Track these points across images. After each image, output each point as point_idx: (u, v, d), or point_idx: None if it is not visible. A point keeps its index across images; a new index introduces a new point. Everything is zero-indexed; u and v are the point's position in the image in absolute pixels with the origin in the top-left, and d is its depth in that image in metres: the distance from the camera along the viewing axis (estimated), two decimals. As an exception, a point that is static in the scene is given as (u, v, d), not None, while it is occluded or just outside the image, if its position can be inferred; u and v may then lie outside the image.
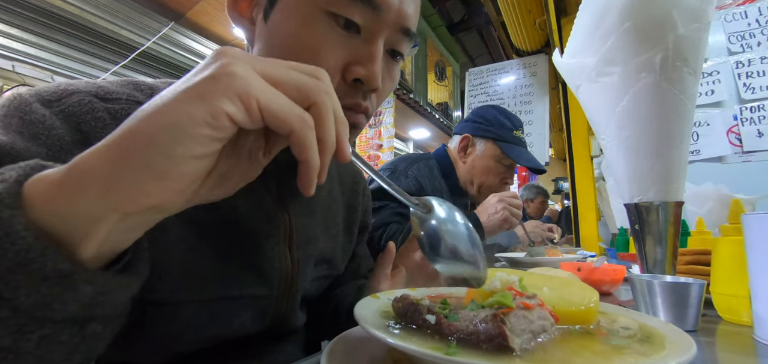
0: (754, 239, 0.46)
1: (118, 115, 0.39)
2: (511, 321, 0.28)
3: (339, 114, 0.27)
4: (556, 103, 3.14)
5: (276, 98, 0.24)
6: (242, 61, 0.24)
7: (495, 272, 0.38)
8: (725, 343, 0.48)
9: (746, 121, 1.44)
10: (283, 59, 0.38)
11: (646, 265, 0.66)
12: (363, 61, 0.41)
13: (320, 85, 0.26)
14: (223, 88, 0.23)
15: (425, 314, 0.31)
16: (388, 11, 0.41)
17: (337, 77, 0.42)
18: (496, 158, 1.28)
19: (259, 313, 0.48)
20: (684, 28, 0.61)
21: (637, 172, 0.66)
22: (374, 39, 0.42)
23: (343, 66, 0.42)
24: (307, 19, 0.40)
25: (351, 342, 0.38)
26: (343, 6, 0.40)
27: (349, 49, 0.41)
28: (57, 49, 3.75)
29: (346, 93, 0.43)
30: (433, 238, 0.35)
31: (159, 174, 0.22)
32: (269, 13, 0.43)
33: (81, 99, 0.37)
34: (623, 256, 1.29)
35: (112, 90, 0.41)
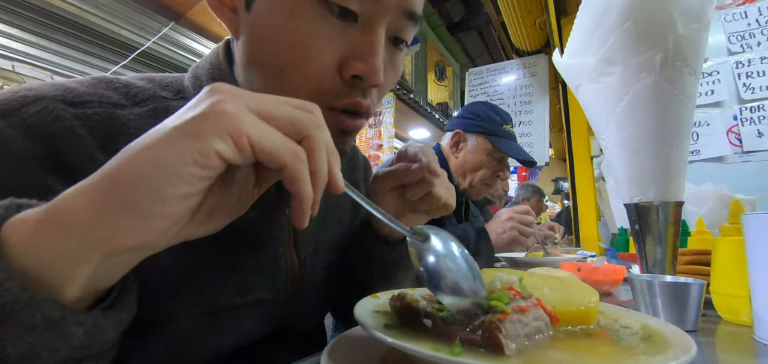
0: (754, 239, 0.46)
1: (91, 122, 0.35)
2: (506, 327, 0.28)
3: (330, 146, 0.27)
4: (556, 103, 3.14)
5: (268, 134, 0.24)
6: (234, 97, 0.24)
7: (495, 272, 0.38)
8: (725, 343, 0.47)
9: (746, 121, 1.44)
10: (271, 55, 0.37)
11: (646, 265, 0.66)
12: (362, 54, 0.36)
13: (313, 118, 0.26)
14: (213, 125, 0.22)
15: (422, 317, 0.31)
16: None
17: (333, 74, 0.37)
18: (487, 152, 1.30)
19: (265, 317, 0.46)
20: (684, 28, 0.61)
21: (637, 172, 0.66)
22: (374, 28, 0.37)
23: (339, 61, 0.37)
24: (296, 7, 0.35)
25: (351, 342, 0.38)
26: None
27: (345, 41, 0.36)
28: (57, 49, 3.74)
29: (343, 92, 0.38)
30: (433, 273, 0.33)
31: (144, 215, 0.22)
32: (251, 2, 0.37)
33: (45, 107, 0.33)
34: (623, 256, 1.29)
35: (82, 92, 0.36)
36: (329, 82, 0.37)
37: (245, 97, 0.24)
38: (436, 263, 0.34)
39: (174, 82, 0.44)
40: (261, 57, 0.38)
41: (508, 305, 0.30)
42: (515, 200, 3.69)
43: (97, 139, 0.34)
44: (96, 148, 0.34)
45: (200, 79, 0.44)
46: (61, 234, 0.21)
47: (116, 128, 0.36)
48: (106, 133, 0.35)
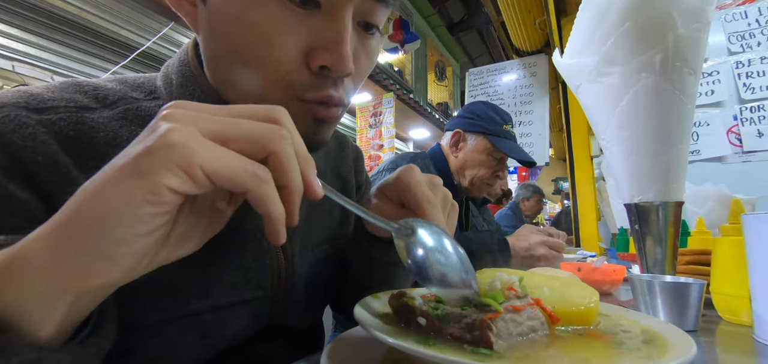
0: (754, 239, 0.46)
1: (56, 128, 0.34)
2: (498, 326, 0.28)
3: (302, 153, 0.26)
4: (556, 103, 3.14)
5: (223, 160, 0.22)
6: (188, 122, 0.22)
7: (495, 272, 0.38)
8: (725, 343, 0.47)
9: (746, 121, 1.44)
10: (232, 50, 0.35)
11: (646, 265, 0.66)
12: (327, 43, 0.34)
13: (276, 131, 0.24)
14: (161, 160, 0.21)
15: (418, 316, 0.31)
16: None
17: (299, 67, 0.35)
18: (487, 152, 1.30)
19: (253, 317, 0.45)
20: (684, 28, 0.61)
21: (637, 172, 0.66)
22: (338, 13, 0.34)
23: (305, 52, 0.35)
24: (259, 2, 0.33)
25: (351, 342, 0.38)
26: None
27: (309, 29, 0.34)
28: (57, 49, 3.74)
29: (313, 84, 0.36)
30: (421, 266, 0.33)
31: (105, 257, 0.21)
32: None
33: (6, 115, 0.32)
34: (623, 256, 1.29)
35: (47, 97, 0.35)
36: (297, 74, 0.35)
37: (200, 120, 0.23)
38: (424, 256, 0.33)
39: (146, 83, 0.43)
40: (223, 52, 0.37)
41: (502, 304, 0.30)
42: (515, 200, 3.69)
43: (63, 145, 0.34)
44: (62, 154, 0.33)
45: (170, 77, 0.43)
46: (29, 280, 0.21)
47: (84, 132, 0.35)
48: (72, 138, 0.34)
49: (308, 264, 0.51)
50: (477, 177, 1.31)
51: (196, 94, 0.41)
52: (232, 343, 0.44)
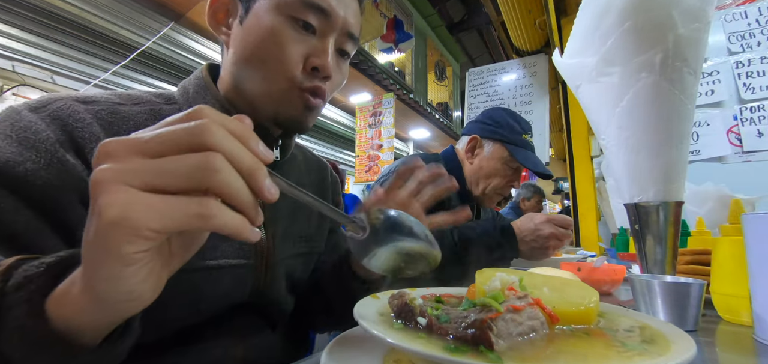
0: (754, 239, 0.46)
1: (99, 115, 0.46)
2: (498, 325, 0.28)
3: (246, 166, 0.25)
4: (556, 103, 3.14)
5: (166, 214, 0.23)
6: (120, 184, 0.23)
7: (495, 272, 0.38)
8: (725, 343, 0.48)
9: (746, 121, 1.44)
10: (256, 52, 0.51)
11: (646, 265, 0.66)
12: (318, 53, 0.52)
13: (207, 163, 0.24)
14: (114, 240, 0.23)
15: (418, 315, 0.31)
16: (336, 17, 0.52)
17: (300, 67, 0.51)
18: (503, 160, 1.24)
19: (239, 282, 0.53)
20: (684, 28, 0.61)
21: (637, 172, 0.66)
22: (326, 38, 0.53)
23: (303, 57, 0.51)
24: (275, 22, 0.50)
25: (351, 342, 0.38)
26: (301, 12, 0.50)
27: (307, 45, 0.52)
28: (57, 49, 3.75)
29: (307, 78, 0.52)
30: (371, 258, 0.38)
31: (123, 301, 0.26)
32: (245, 19, 0.52)
33: (64, 104, 0.44)
34: (623, 256, 1.29)
35: (91, 95, 0.48)
36: (297, 71, 0.51)
37: (133, 173, 0.23)
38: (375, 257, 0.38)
39: (164, 93, 0.56)
40: (249, 55, 0.52)
41: (502, 304, 0.30)
42: (516, 200, 3.69)
43: (102, 127, 0.45)
44: (102, 134, 0.45)
45: (188, 89, 0.56)
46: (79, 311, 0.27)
47: (118, 120, 0.47)
48: (110, 123, 0.46)
49: (289, 253, 0.60)
50: (491, 186, 1.25)
51: (207, 99, 0.55)
52: (222, 308, 0.52)
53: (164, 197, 0.23)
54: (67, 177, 0.40)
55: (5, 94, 3.95)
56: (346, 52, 0.57)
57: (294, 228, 0.62)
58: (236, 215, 0.25)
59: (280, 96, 0.52)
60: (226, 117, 0.26)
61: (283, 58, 0.50)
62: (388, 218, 0.39)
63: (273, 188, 0.27)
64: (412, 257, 0.40)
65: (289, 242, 0.60)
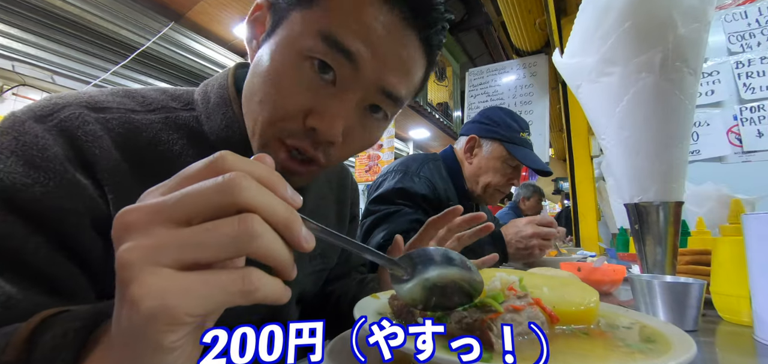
0: (754, 239, 0.46)
1: (110, 126, 0.40)
2: (498, 325, 0.28)
3: (281, 217, 0.23)
4: (556, 103, 3.14)
5: (203, 296, 0.21)
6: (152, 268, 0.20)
7: (495, 272, 0.38)
8: (725, 343, 0.47)
9: (746, 121, 1.44)
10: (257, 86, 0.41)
11: (646, 265, 0.66)
12: (324, 112, 0.40)
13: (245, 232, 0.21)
14: (152, 334, 0.20)
15: (417, 315, 0.31)
16: (365, 69, 0.39)
17: (297, 119, 0.40)
18: (502, 159, 1.26)
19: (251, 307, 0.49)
20: (684, 28, 0.61)
21: (637, 172, 0.66)
22: (345, 94, 0.40)
23: (305, 111, 0.40)
24: (285, 59, 0.40)
25: (351, 342, 0.37)
26: (319, 49, 0.38)
27: (316, 96, 0.40)
28: (57, 49, 3.75)
29: (297, 135, 0.41)
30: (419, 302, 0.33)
31: None
32: (264, 42, 0.43)
33: (72, 113, 0.39)
34: (623, 256, 1.29)
35: (103, 99, 0.42)
36: (291, 124, 0.41)
37: (163, 252, 0.20)
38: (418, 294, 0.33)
39: (183, 95, 0.49)
40: (251, 88, 0.43)
41: (502, 304, 0.30)
42: (515, 199, 3.69)
43: (114, 141, 0.40)
44: (114, 149, 0.40)
45: (209, 95, 0.49)
46: None
47: (131, 131, 0.42)
48: (123, 136, 0.41)
49: (306, 271, 0.57)
50: (491, 184, 1.27)
51: (227, 115, 0.47)
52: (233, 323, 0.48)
53: (202, 276, 0.21)
54: (77, 199, 0.36)
55: (5, 94, 3.95)
56: (380, 108, 0.44)
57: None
58: (276, 281, 0.24)
59: (261, 145, 0.42)
60: (252, 163, 0.24)
61: (278, 103, 0.40)
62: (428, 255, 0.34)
63: (310, 237, 0.25)
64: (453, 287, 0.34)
65: (306, 261, 0.58)
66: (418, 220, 1.09)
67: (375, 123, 0.45)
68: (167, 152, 0.44)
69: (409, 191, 1.14)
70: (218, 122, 0.47)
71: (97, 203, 0.38)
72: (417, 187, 1.15)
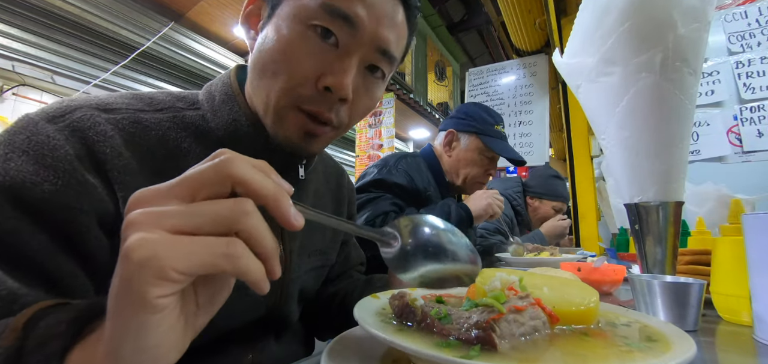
0: (754, 239, 0.46)
1: (120, 125, 0.43)
2: (501, 327, 0.28)
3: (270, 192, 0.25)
4: (556, 103, 3.14)
5: (193, 254, 0.23)
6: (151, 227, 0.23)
7: (495, 272, 0.38)
8: (725, 343, 0.47)
9: (746, 121, 1.44)
10: (268, 62, 0.45)
11: (646, 265, 0.65)
12: (335, 71, 0.44)
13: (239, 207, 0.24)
14: (139, 282, 0.22)
15: (419, 316, 0.31)
16: (363, 30, 0.44)
17: (308, 83, 0.45)
18: (479, 151, 1.35)
19: (254, 300, 0.51)
20: (684, 28, 0.61)
21: (637, 172, 0.66)
22: (348, 54, 0.45)
23: (316, 74, 0.44)
24: (292, 30, 0.44)
25: (351, 342, 0.37)
26: (321, 17, 0.43)
27: (324, 59, 0.44)
28: (57, 49, 3.74)
29: (314, 99, 0.45)
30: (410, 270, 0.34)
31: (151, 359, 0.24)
32: (267, 24, 0.47)
33: (84, 114, 0.41)
34: (623, 256, 1.29)
35: (113, 102, 0.45)
36: (305, 89, 0.45)
37: (163, 217, 0.23)
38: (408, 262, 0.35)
39: (188, 96, 0.52)
40: (262, 64, 0.46)
41: (505, 305, 0.30)
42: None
43: (124, 140, 0.42)
44: (124, 148, 0.41)
45: (213, 94, 0.51)
46: None
47: (140, 130, 0.44)
48: (132, 135, 0.43)
49: (304, 268, 0.58)
50: (470, 176, 1.36)
51: (233, 110, 0.50)
52: (236, 324, 0.50)
53: (192, 238, 0.23)
54: (85, 199, 0.37)
55: (5, 94, 3.95)
56: (379, 68, 0.49)
57: (311, 242, 0.60)
58: (259, 263, 0.25)
59: (278, 115, 0.46)
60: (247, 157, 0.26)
61: (291, 71, 0.44)
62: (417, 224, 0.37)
63: (299, 216, 0.27)
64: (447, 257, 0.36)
65: (305, 256, 0.59)
66: (397, 205, 1.16)
67: (375, 83, 0.50)
68: (175, 150, 0.46)
69: (386, 181, 1.20)
70: (225, 117, 0.49)
71: (105, 204, 0.39)
72: (393, 177, 1.21)
